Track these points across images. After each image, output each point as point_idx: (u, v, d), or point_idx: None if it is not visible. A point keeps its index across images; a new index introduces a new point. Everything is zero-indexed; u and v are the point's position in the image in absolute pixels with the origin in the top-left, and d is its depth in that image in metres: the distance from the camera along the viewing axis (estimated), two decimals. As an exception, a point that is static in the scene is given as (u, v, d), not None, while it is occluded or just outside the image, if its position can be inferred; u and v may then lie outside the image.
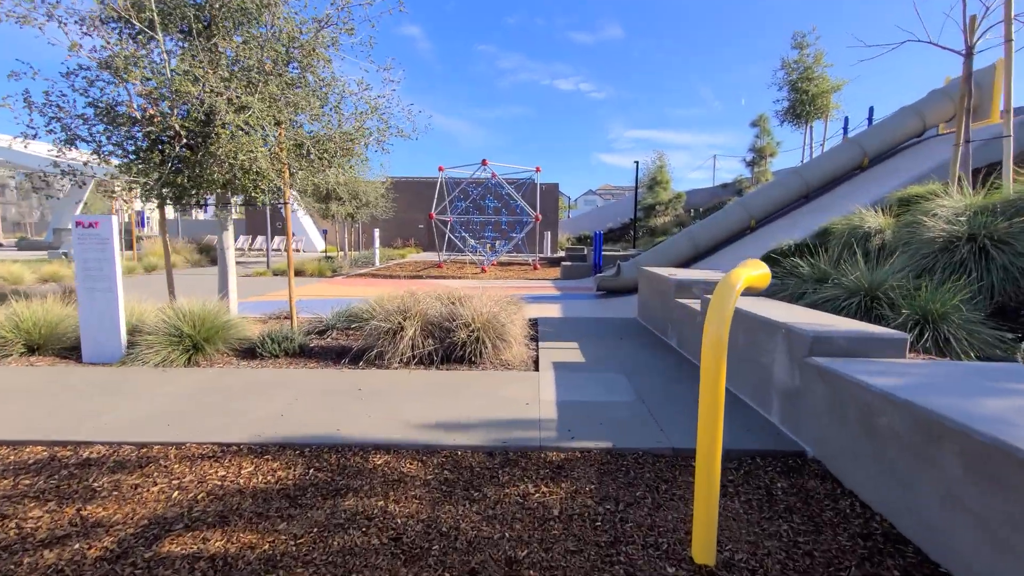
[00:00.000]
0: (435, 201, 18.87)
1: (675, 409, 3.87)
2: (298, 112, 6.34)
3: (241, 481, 2.80)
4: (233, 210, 6.82)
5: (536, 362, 5.26)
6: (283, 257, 23.78)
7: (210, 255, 19.72)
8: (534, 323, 7.59)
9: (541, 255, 24.36)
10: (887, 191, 7.92)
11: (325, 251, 27.71)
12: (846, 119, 14.21)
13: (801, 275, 5.72)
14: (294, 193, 24.66)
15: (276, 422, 3.55)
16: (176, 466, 2.97)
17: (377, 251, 20.17)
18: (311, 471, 2.90)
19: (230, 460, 3.04)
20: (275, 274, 15.58)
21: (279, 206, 7.99)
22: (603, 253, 13.84)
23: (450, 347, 5.19)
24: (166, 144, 5.66)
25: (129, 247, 19.31)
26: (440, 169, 19.77)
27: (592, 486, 2.75)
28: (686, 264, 10.19)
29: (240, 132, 5.53)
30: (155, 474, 2.88)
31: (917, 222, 5.57)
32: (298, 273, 15.48)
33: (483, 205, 21.19)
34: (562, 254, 26.49)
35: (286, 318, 7.57)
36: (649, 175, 29.06)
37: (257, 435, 3.33)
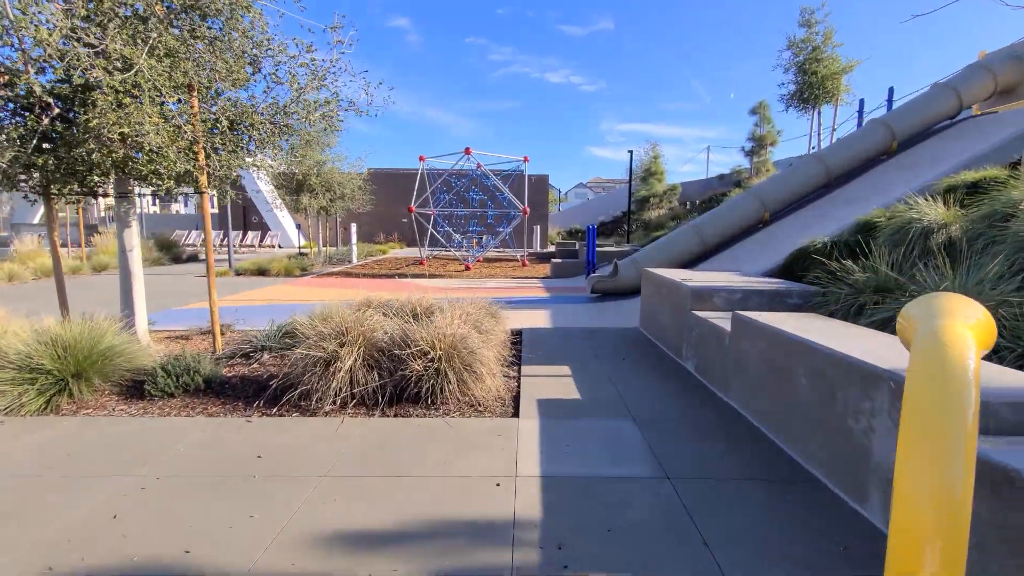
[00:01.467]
0: (415, 193, 17.49)
1: (720, 498, 2.62)
2: (218, 78, 4.98)
3: None
4: (139, 201, 5.46)
5: (516, 400, 3.99)
6: (257, 254, 22.32)
7: (172, 253, 18.20)
8: (518, 335, 6.33)
9: (530, 250, 23.07)
10: (932, 178, 6.73)
11: (303, 247, 26.22)
12: (861, 102, 13.09)
13: (853, 282, 4.50)
14: (261, 177, 23.07)
15: (86, 545, 2.24)
16: None
17: (355, 247, 18.76)
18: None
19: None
20: (238, 274, 14.16)
21: (230, 195, 6.65)
22: (597, 249, 12.58)
23: (402, 382, 3.91)
24: (29, 116, 4.29)
25: (88, 242, 17.71)
26: (421, 159, 18.37)
27: None
28: (693, 263, 8.98)
29: (129, 100, 4.19)
30: None
31: (1004, 214, 4.37)
32: (262, 272, 14.08)
33: (468, 198, 19.81)
34: (552, 249, 25.23)
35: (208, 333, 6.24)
36: (643, 166, 27.84)
37: None
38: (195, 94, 4.87)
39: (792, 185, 9.07)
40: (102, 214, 41.15)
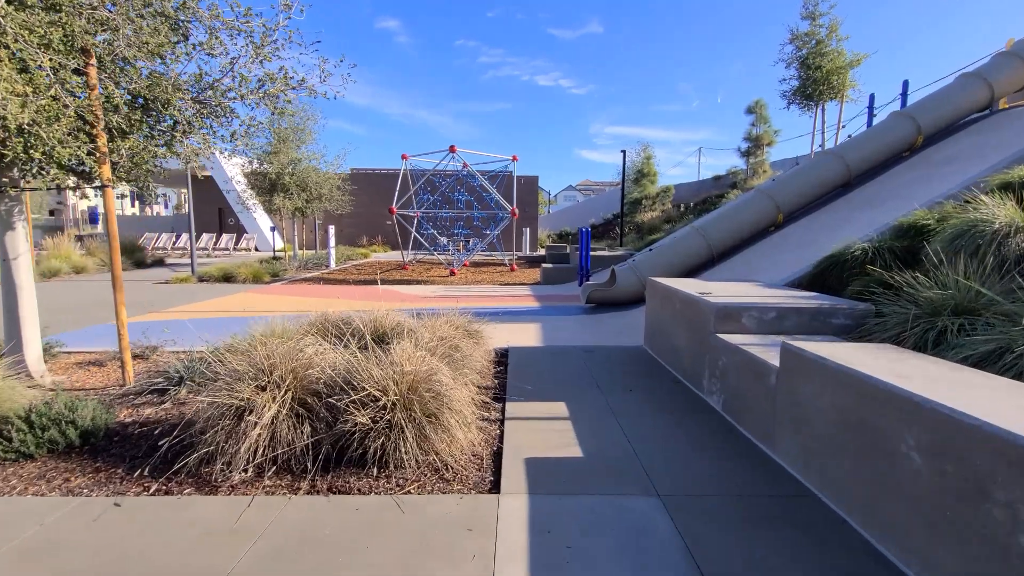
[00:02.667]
0: (397, 194, 16.44)
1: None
2: (126, 43, 3.94)
3: None
4: (24, 197, 4.41)
5: (497, 460, 3.00)
6: (231, 258, 21.10)
7: (135, 257, 16.94)
8: (503, 356, 5.35)
9: (519, 254, 22.11)
10: (976, 175, 5.88)
11: (281, 250, 24.98)
12: (871, 97, 12.28)
13: (922, 300, 3.58)
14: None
15: None
16: None
17: (332, 251, 17.64)
18: None
19: None
20: (201, 280, 13.00)
21: (153, 192, 5.61)
22: (590, 254, 11.63)
23: (344, 437, 2.90)
24: None
25: (51, 245, 16.39)
26: (404, 157, 17.35)
27: None
28: (699, 270, 8.07)
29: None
30: None
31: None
32: (227, 279, 12.95)
33: (453, 199, 18.77)
34: (542, 252, 24.30)
35: (137, 357, 5.18)
36: (635, 168, 27.05)
37: None
38: (93, 61, 3.84)
39: (809, 184, 8.19)
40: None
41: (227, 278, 12.98)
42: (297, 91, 4.93)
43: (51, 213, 49.06)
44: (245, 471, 2.75)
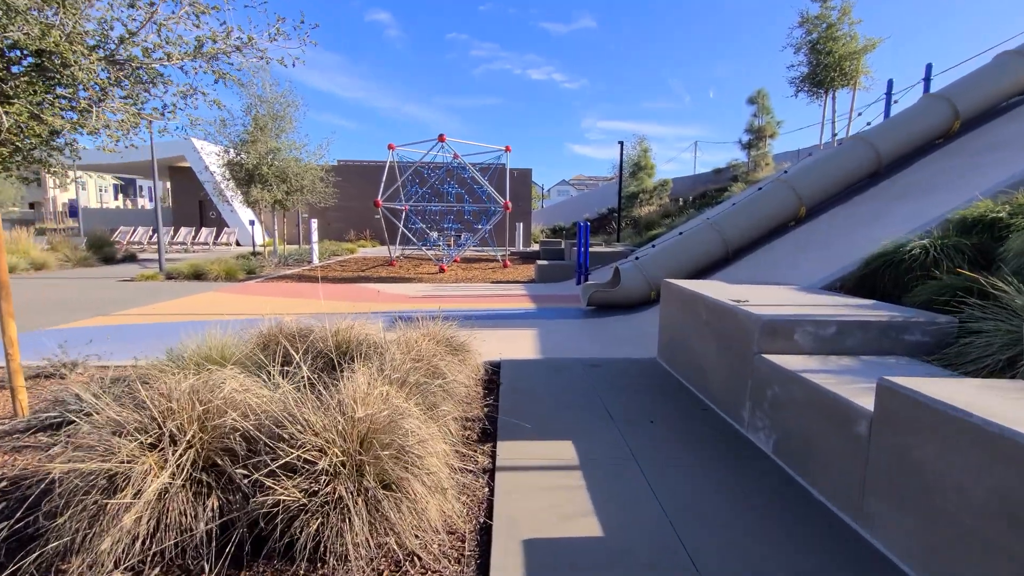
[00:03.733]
0: (383, 186, 15.48)
1: None
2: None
3: None
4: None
5: (483, 546, 2.16)
6: (211, 253, 20.11)
7: (103, 252, 15.86)
8: (494, 374, 4.51)
9: (512, 249, 21.23)
10: (1039, 161, 5.07)
11: (265, 244, 23.91)
12: (890, 83, 11.46)
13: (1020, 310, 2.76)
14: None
15: None
16: None
17: (315, 246, 16.66)
18: None
19: None
20: (169, 277, 12.03)
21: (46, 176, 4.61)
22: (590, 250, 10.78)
23: (265, 519, 2.04)
24: None
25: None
26: (391, 147, 16.39)
27: None
28: (714, 269, 7.26)
29: None
30: None
31: None
32: (198, 276, 11.98)
33: (443, 191, 17.82)
34: (536, 247, 23.44)
35: (44, 376, 4.28)
36: (631, 161, 26.18)
37: None
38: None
39: (834, 173, 7.38)
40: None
41: (198, 275, 12.01)
42: (245, 54, 4.03)
43: (31, 206, 47.50)
44: (123, 572, 1.88)
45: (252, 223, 19.26)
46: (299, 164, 15.63)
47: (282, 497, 1.94)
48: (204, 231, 22.99)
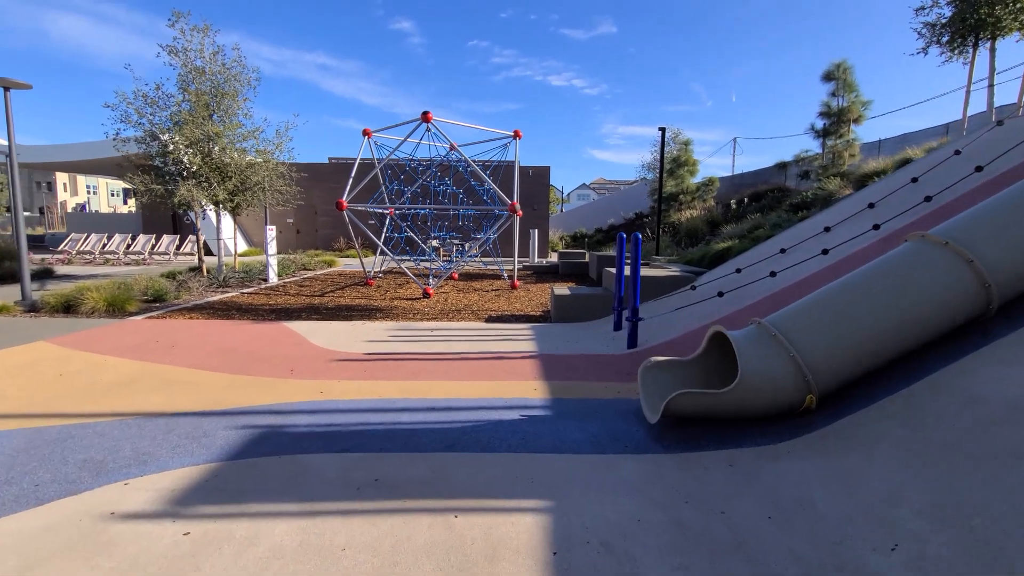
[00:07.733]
0: (351, 182, 11.76)
1: None
2: None
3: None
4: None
5: None
6: (169, 265, 16.67)
7: (2, 267, 12.44)
8: None
9: (525, 261, 17.30)
10: None
11: (244, 253, 20.52)
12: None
13: None
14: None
15: None
16: None
17: (272, 260, 12.91)
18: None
19: None
20: (31, 310, 8.44)
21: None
22: (624, 270, 6.76)
23: None
24: None
25: None
26: (366, 133, 12.69)
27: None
28: (955, 334, 3.32)
29: None
30: None
31: None
32: (68, 308, 8.35)
33: (432, 189, 13.97)
34: (554, 258, 19.48)
35: None
36: (669, 157, 22.08)
37: None
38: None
39: None
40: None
41: (68, 307, 8.39)
42: None
43: (40, 211, 45.44)
44: None
45: (196, 230, 15.40)
46: (245, 156, 12.01)
47: None
48: (166, 239, 19.62)
